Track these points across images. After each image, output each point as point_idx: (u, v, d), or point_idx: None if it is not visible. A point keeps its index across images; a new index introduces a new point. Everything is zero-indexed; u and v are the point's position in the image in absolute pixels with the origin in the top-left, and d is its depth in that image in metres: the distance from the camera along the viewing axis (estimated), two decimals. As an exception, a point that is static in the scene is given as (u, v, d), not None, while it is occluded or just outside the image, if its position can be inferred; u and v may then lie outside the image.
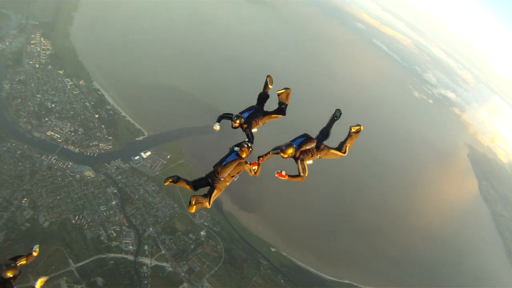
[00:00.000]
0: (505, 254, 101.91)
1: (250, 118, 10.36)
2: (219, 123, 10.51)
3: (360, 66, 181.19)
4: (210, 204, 8.90)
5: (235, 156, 9.29)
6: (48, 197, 56.54)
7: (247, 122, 10.27)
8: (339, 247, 76.32)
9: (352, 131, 9.85)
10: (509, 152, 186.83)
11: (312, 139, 9.67)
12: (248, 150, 9.37)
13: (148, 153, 72.67)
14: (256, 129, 10.55)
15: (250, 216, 71.66)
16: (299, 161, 9.35)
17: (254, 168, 9.67)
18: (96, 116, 75.25)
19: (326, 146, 9.87)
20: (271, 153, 9.82)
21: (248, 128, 10.25)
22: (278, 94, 10.82)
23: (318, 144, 9.68)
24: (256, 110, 10.64)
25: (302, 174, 9.28)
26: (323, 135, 10.11)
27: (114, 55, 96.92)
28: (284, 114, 10.96)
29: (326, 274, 68.81)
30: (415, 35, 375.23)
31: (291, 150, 9.19)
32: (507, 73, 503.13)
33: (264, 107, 10.98)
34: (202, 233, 63.28)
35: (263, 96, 10.94)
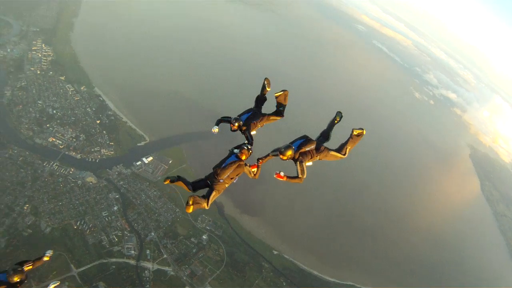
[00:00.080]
0: (507, 254, 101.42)
1: (249, 121, 10.42)
2: (217, 126, 10.61)
3: (361, 68, 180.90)
4: (208, 205, 8.89)
5: (235, 158, 9.32)
6: (49, 203, 56.72)
7: (245, 125, 10.33)
8: (341, 249, 76.15)
9: (354, 133, 9.86)
10: (511, 152, 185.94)
11: (312, 141, 9.70)
12: (248, 152, 9.42)
13: (150, 158, 72.73)
14: (255, 131, 10.59)
15: (252, 220, 71.62)
16: (298, 162, 9.37)
17: (254, 170, 9.75)
18: (98, 122, 75.48)
19: (326, 148, 9.90)
20: (270, 155, 9.89)
21: (247, 130, 10.30)
22: (276, 97, 10.89)
23: (318, 145, 9.71)
24: (254, 112, 10.70)
25: (300, 176, 9.28)
26: (324, 137, 10.19)
27: (115, 61, 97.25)
28: (283, 115, 11.01)
29: (328, 276, 68.66)
30: (416, 36, 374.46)
31: (290, 152, 9.22)
32: (508, 72, 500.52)
33: (262, 110, 11.01)
34: (204, 237, 63.28)
35: (261, 98, 10.99)
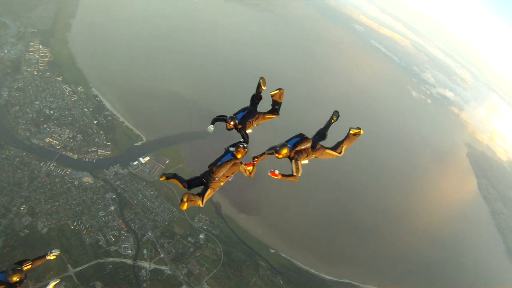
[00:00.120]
0: (505, 252, 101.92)
1: (244, 119, 10.48)
2: (213, 125, 10.74)
3: (359, 67, 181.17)
4: (203, 203, 8.93)
5: (231, 157, 9.34)
6: (46, 203, 56.76)
7: (241, 123, 10.40)
8: (338, 247, 76.41)
9: (351, 132, 9.91)
10: (508, 150, 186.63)
11: (308, 139, 9.70)
12: (244, 151, 9.39)
13: (147, 158, 72.84)
14: (250, 130, 10.65)
15: (248, 219, 71.85)
16: (293, 161, 9.39)
17: (249, 169, 9.73)
18: (95, 122, 75.55)
19: (322, 146, 9.92)
20: (266, 153, 9.85)
21: (243, 129, 10.37)
22: (272, 95, 10.94)
23: (314, 144, 9.73)
24: (250, 111, 10.75)
25: (295, 174, 9.30)
26: (320, 136, 10.22)
27: (112, 62, 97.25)
28: (278, 114, 11.08)
29: (325, 274, 68.95)
30: (413, 36, 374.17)
31: (286, 151, 9.22)
32: (505, 71, 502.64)
33: (258, 108, 11.08)
34: (201, 236, 63.42)
35: (256, 97, 11.07)
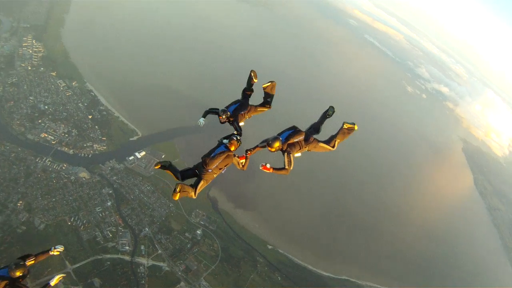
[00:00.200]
0: (501, 247, 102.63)
1: (237, 112, 10.43)
2: (204, 118, 10.71)
3: (353, 62, 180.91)
4: (195, 194, 8.97)
5: (224, 149, 9.34)
6: (43, 199, 56.24)
7: (233, 116, 10.34)
8: (335, 244, 76.61)
9: (344, 127, 9.82)
10: (503, 146, 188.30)
11: (300, 132, 9.63)
12: (237, 143, 9.43)
13: (143, 153, 72.39)
14: (243, 122, 10.62)
15: (246, 214, 71.76)
16: (285, 154, 9.32)
17: (242, 162, 9.75)
18: (90, 117, 74.88)
19: (316, 139, 9.87)
20: (258, 146, 9.84)
21: (235, 121, 10.32)
22: (264, 88, 10.90)
23: (307, 136, 9.66)
24: (241, 103, 10.68)
25: (287, 167, 9.24)
26: (314, 130, 10.11)
27: (106, 56, 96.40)
28: (270, 106, 11.03)
29: (323, 270, 69.06)
30: (407, 30, 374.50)
31: (278, 144, 9.16)
32: (500, 66, 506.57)
33: (250, 102, 10.98)
34: (198, 232, 63.24)
35: (247, 90, 10.97)
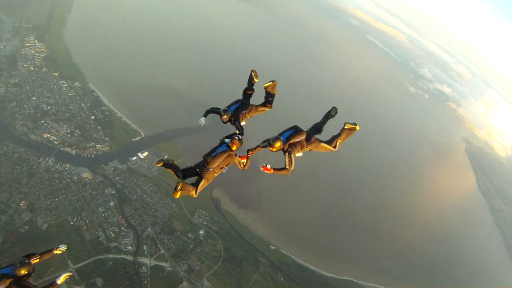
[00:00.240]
0: (504, 248, 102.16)
1: (238, 111, 10.43)
2: (205, 118, 10.77)
3: (355, 62, 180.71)
4: (196, 193, 8.97)
5: (226, 148, 9.37)
6: (46, 199, 56.26)
7: (235, 115, 10.35)
8: (338, 244, 76.41)
9: (346, 127, 9.79)
10: (506, 146, 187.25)
11: (302, 131, 9.62)
12: (239, 143, 9.45)
13: (145, 153, 72.36)
14: (244, 122, 10.59)
15: (248, 215, 71.66)
16: (286, 153, 9.32)
17: (243, 161, 9.75)
18: (92, 117, 74.92)
19: (317, 139, 9.82)
20: (260, 146, 9.82)
21: (237, 120, 10.31)
22: (265, 87, 10.88)
23: (309, 136, 9.63)
24: (242, 103, 10.69)
25: (287, 167, 9.26)
26: (316, 129, 10.07)
27: (108, 56, 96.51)
28: (271, 106, 11.02)
29: (325, 271, 68.87)
30: (409, 31, 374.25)
31: (279, 144, 9.18)
32: (502, 66, 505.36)
33: (251, 102, 11.02)
34: (201, 232, 63.16)
35: (248, 90, 10.98)
